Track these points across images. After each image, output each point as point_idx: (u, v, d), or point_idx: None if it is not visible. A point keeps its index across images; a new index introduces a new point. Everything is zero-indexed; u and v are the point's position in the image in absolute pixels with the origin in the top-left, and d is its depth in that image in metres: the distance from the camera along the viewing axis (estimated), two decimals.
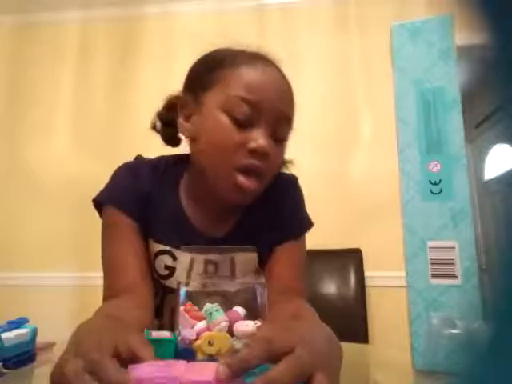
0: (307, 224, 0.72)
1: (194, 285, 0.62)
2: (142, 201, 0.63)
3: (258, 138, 0.55)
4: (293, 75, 2.01)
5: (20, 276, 1.99)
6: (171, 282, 0.64)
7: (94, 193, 0.71)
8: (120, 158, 0.77)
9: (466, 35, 1.46)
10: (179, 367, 0.34)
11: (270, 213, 0.68)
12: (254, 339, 0.36)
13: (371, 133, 1.91)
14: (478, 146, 3.39)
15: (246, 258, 0.66)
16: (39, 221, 2.04)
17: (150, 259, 0.65)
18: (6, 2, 2.20)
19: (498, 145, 3.13)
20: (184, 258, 0.64)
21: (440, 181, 0.54)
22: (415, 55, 0.57)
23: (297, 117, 0.81)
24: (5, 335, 0.52)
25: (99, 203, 0.67)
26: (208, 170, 0.60)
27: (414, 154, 0.56)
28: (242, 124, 0.56)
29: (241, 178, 0.56)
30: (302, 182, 0.78)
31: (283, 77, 0.61)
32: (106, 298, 0.61)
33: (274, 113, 0.57)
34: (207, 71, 0.62)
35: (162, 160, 0.70)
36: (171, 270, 0.64)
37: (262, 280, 0.51)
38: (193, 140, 0.63)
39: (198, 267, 0.64)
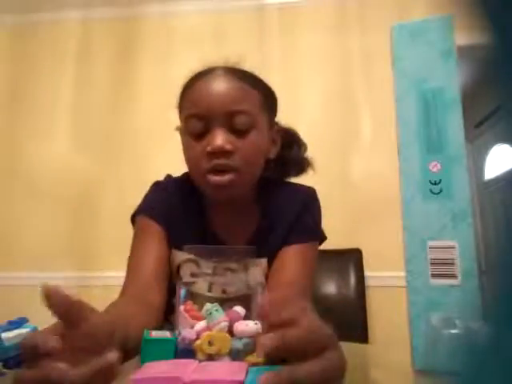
0: (320, 234, 0.74)
1: (217, 290, 0.64)
2: (169, 212, 0.69)
3: (211, 141, 0.61)
4: (293, 75, 2.02)
5: (20, 276, 1.98)
6: (197, 288, 0.66)
7: (94, 193, 0.73)
8: (120, 158, 0.77)
9: (466, 35, 1.46)
10: (187, 367, 0.34)
11: (286, 222, 0.71)
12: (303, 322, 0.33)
13: (371, 133, 1.91)
14: (478, 146, 3.39)
15: (258, 264, 0.68)
16: (39, 221, 2.04)
17: (172, 266, 0.68)
18: (5, 2, 2.20)
19: (497, 145, 3.13)
20: (207, 265, 0.67)
21: (440, 181, 0.54)
22: (415, 55, 0.57)
23: (297, 117, 0.81)
24: (5, 335, 0.52)
25: (134, 217, 0.72)
26: (196, 181, 0.68)
27: (413, 154, 0.56)
28: (199, 136, 0.63)
29: (212, 177, 0.62)
30: (301, 182, 0.78)
31: (223, 79, 0.65)
32: (120, 295, 0.64)
33: (220, 113, 0.62)
34: (177, 103, 0.70)
35: (187, 176, 0.75)
36: (196, 277, 0.67)
37: (262, 280, 0.51)
38: None
39: (219, 274, 0.67)
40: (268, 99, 0.70)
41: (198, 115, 0.63)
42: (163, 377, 0.32)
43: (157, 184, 0.75)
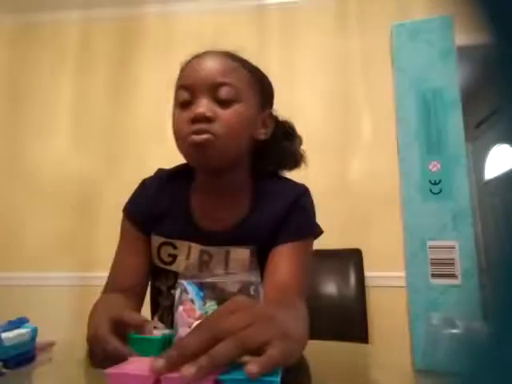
0: (313, 230, 0.74)
1: (192, 271, 0.71)
2: (150, 208, 0.74)
3: (195, 109, 0.65)
4: (293, 75, 2.02)
5: (20, 276, 1.99)
6: (174, 267, 0.74)
7: (95, 192, 0.75)
8: (120, 158, 0.78)
9: (466, 35, 1.46)
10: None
11: (274, 216, 0.71)
12: (194, 327, 0.36)
13: (371, 133, 1.91)
14: (478, 146, 3.39)
15: (240, 254, 0.70)
16: (39, 221, 2.04)
17: (153, 250, 0.75)
18: (5, 2, 2.20)
19: (497, 145, 3.13)
20: (182, 246, 0.73)
21: (440, 181, 0.54)
22: (415, 55, 0.57)
23: (296, 117, 0.81)
24: (5, 335, 0.52)
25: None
26: (180, 151, 0.71)
27: (413, 153, 0.56)
28: (185, 106, 0.67)
29: (191, 137, 0.65)
30: (302, 182, 0.78)
31: (213, 57, 0.70)
32: (104, 291, 0.73)
33: (205, 84, 0.66)
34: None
35: (178, 167, 0.79)
36: (173, 257, 0.74)
37: (258, 278, 0.51)
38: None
39: (195, 255, 0.72)
40: (259, 82, 0.73)
41: (185, 86, 0.67)
42: (134, 374, 0.32)
43: (142, 182, 0.79)
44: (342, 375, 0.40)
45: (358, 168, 1.89)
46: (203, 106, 0.64)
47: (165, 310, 0.76)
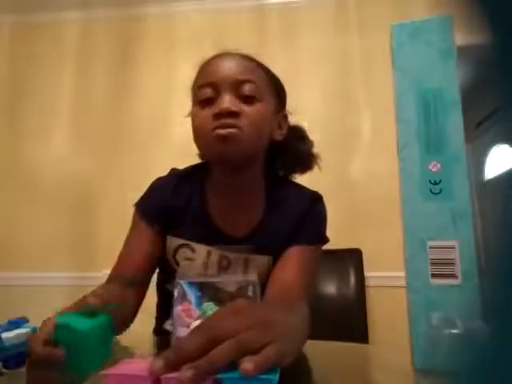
0: (324, 237, 0.75)
1: (212, 271, 0.70)
2: (164, 208, 0.73)
3: (219, 104, 0.65)
4: (293, 75, 2.02)
5: (20, 276, 1.98)
6: (191, 271, 0.72)
7: (94, 193, 0.74)
8: (120, 158, 0.78)
9: (466, 35, 1.46)
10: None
11: (290, 221, 0.72)
12: (194, 328, 0.36)
13: (371, 133, 1.91)
14: (478, 146, 3.39)
15: (260, 261, 0.71)
16: (39, 221, 2.04)
17: (168, 252, 0.74)
18: (5, 2, 2.20)
19: (497, 145, 3.13)
20: (201, 250, 0.71)
21: (440, 181, 0.54)
22: (415, 55, 0.57)
23: (296, 117, 0.81)
24: (5, 335, 0.52)
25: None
26: (200, 149, 0.72)
27: (413, 153, 0.56)
28: (207, 103, 0.67)
29: (217, 131, 0.64)
30: (301, 182, 0.78)
31: (234, 56, 0.70)
32: (107, 280, 0.72)
33: (229, 81, 0.66)
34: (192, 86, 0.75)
35: (191, 167, 0.79)
36: (190, 261, 0.72)
37: (256, 278, 0.51)
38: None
39: (213, 260, 0.71)
40: (275, 84, 0.74)
41: (208, 83, 0.67)
42: (132, 374, 0.32)
43: (157, 180, 0.78)
44: (342, 375, 0.40)
45: (357, 168, 1.89)
46: (228, 101, 0.65)
47: None
